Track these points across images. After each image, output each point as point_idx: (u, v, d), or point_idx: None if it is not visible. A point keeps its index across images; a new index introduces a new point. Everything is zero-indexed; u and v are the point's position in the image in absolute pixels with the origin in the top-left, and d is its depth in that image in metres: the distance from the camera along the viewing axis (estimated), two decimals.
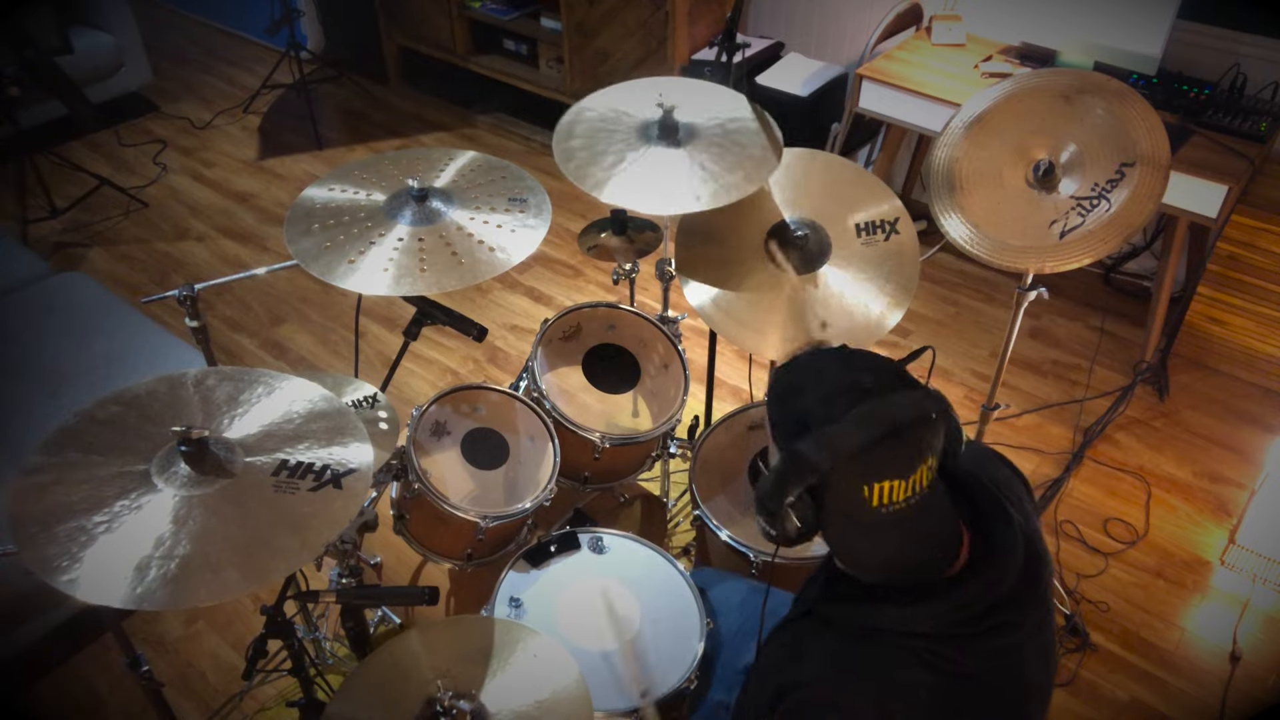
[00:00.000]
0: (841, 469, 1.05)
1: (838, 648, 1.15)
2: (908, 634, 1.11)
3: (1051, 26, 3.05)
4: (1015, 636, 1.13)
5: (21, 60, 3.35)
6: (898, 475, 1.06)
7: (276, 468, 1.37)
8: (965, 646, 1.10)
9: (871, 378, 1.10)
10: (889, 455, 1.05)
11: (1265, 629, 2.38)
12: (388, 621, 2.31)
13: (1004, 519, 1.16)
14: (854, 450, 1.04)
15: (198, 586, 1.21)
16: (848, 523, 1.11)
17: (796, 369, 1.16)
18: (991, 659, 1.12)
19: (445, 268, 1.74)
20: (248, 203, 4.01)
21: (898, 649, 1.11)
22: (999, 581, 1.12)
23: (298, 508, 1.32)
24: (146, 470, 1.32)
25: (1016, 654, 1.15)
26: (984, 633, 1.11)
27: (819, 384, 1.12)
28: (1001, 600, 1.11)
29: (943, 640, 1.10)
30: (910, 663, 1.09)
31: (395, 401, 2.37)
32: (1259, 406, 2.95)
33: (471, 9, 4.21)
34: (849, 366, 1.13)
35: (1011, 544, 1.14)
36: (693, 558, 2.38)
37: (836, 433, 1.05)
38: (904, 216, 2.06)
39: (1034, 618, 1.16)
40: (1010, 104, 1.95)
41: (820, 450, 1.05)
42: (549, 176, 3.92)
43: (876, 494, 1.06)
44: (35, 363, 2.52)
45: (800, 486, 1.07)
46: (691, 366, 2.33)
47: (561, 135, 2.03)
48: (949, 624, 1.10)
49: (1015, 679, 1.16)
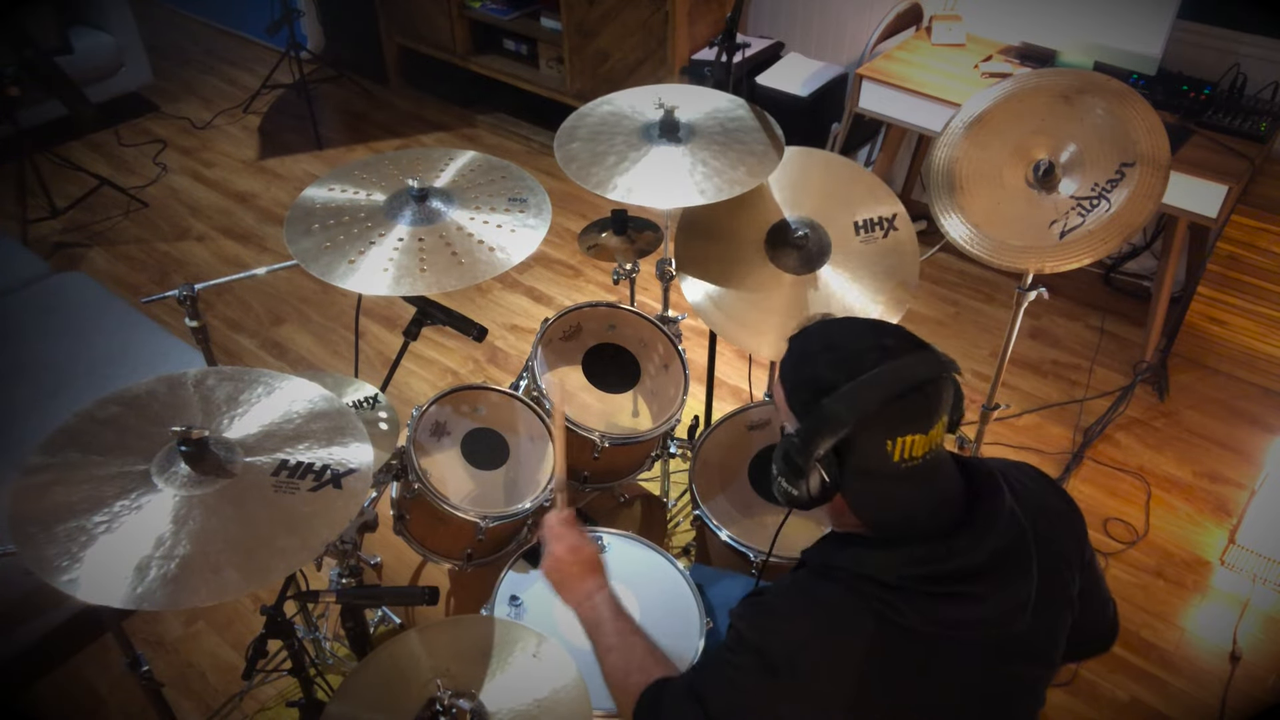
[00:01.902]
0: (869, 423, 1.09)
1: (800, 577, 1.21)
2: (861, 576, 1.13)
3: (1051, 26, 3.05)
4: (972, 612, 1.13)
5: (21, 60, 3.35)
6: (919, 430, 1.10)
7: (276, 468, 1.37)
8: (916, 603, 1.11)
9: (892, 339, 1.14)
10: (913, 410, 1.10)
11: (1265, 629, 2.38)
12: (388, 621, 2.31)
13: (995, 495, 1.17)
14: (881, 404, 1.08)
15: (198, 586, 1.21)
16: (869, 479, 1.14)
17: (816, 334, 1.19)
18: (947, 628, 1.12)
19: (445, 268, 1.74)
20: (248, 203, 4.01)
21: (851, 590, 1.14)
22: (970, 550, 1.12)
23: (298, 508, 1.32)
24: (146, 470, 1.32)
25: (973, 632, 1.14)
26: (938, 596, 1.11)
27: (841, 345, 1.15)
28: (971, 570, 1.12)
29: (894, 590, 1.11)
30: (858, 606, 1.12)
31: (395, 401, 2.37)
32: (1259, 406, 2.95)
33: (471, 9, 4.21)
34: (868, 330, 1.17)
35: (994, 517, 1.15)
36: (693, 557, 2.38)
37: (865, 386, 1.09)
38: (902, 213, 2.06)
39: (1000, 607, 1.14)
40: (1010, 104, 1.95)
41: (852, 404, 1.09)
42: (549, 176, 3.93)
43: (899, 449, 1.10)
44: (35, 363, 2.52)
45: (831, 440, 1.10)
46: (691, 366, 2.33)
47: (563, 137, 2.04)
48: (899, 575, 1.11)
49: (958, 664, 1.15)
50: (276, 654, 2.15)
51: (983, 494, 1.18)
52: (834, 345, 1.16)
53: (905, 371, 1.09)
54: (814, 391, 1.12)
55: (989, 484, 1.19)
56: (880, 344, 1.13)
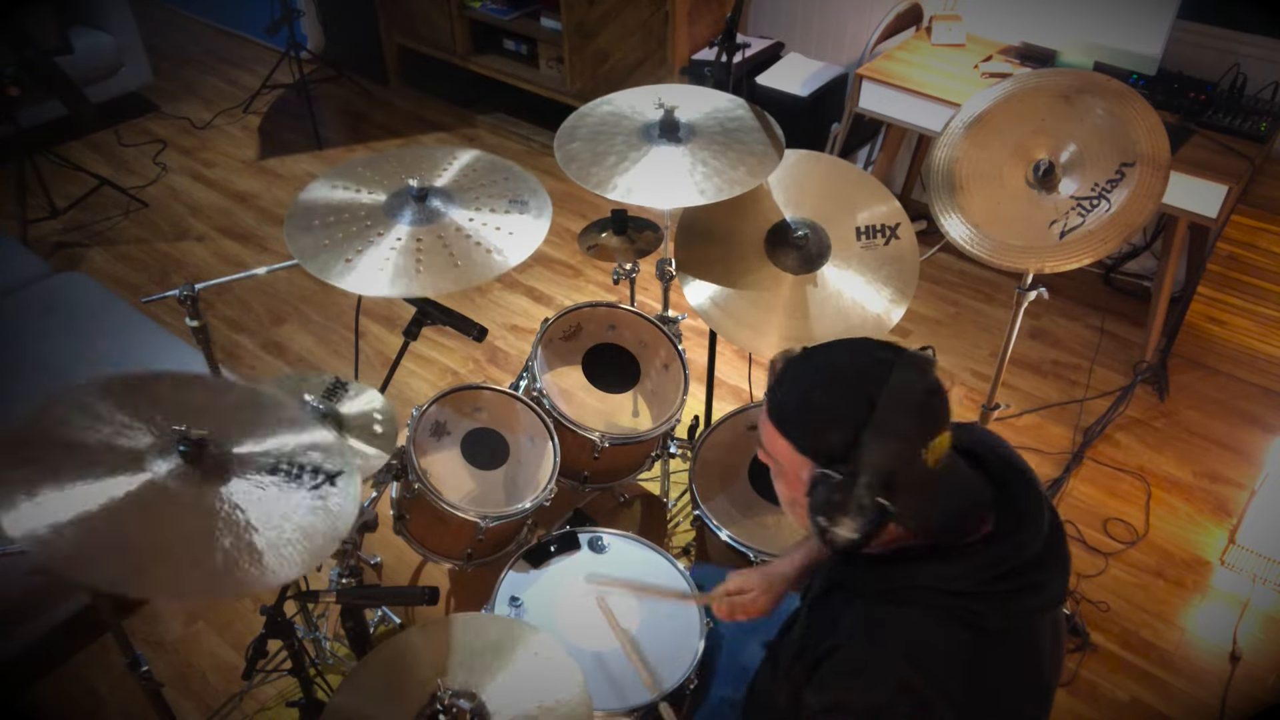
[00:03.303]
0: (908, 442, 1.08)
1: (868, 609, 1.16)
2: (938, 590, 1.11)
3: (1051, 26, 3.05)
4: (1040, 598, 1.14)
5: (21, 60, 3.35)
6: (943, 428, 1.10)
7: (272, 467, 1.36)
8: (997, 603, 1.11)
9: (877, 352, 1.13)
10: (934, 411, 1.10)
11: (1265, 629, 2.38)
12: (388, 621, 2.31)
13: (1026, 481, 1.18)
14: (912, 421, 1.08)
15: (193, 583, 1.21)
16: (916, 492, 1.10)
17: (807, 374, 1.15)
18: (1020, 619, 1.13)
19: (442, 269, 1.73)
20: (248, 203, 4.01)
21: (928, 606, 1.12)
22: (1034, 539, 1.13)
23: (299, 507, 1.32)
24: (142, 467, 1.31)
25: (1038, 617, 1.16)
26: (1015, 591, 1.12)
27: (837, 379, 1.12)
28: (1032, 560, 1.13)
29: (974, 597, 1.11)
30: (943, 619, 1.11)
31: (395, 401, 2.37)
32: (1259, 406, 2.95)
33: (471, 9, 4.21)
34: (846, 353, 1.15)
35: (1038, 505, 1.16)
36: (693, 557, 2.38)
37: (891, 412, 1.07)
38: (904, 221, 2.06)
39: (1058, 584, 1.17)
40: (1010, 104, 1.95)
41: (887, 436, 1.07)
42: (549, 176, 3.93)
43: (931, 453, 1.09)
44: (35, 363, 2.52)
45: (879, 478, 1.08)
46: (691, 366, 2.33)
47: (563, 137, 2.04)
48: (982, 580, 1.11)
49: (1037, 643, 1.17)
50: (276, 654, 2.15)
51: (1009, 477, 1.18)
52: (834, 380, 1.12)
53: (911, 379, 1.09)
54: (841, 429, 1.08)
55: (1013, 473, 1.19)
56: (872, 362, 1.11)
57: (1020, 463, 1.23)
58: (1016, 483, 1.18)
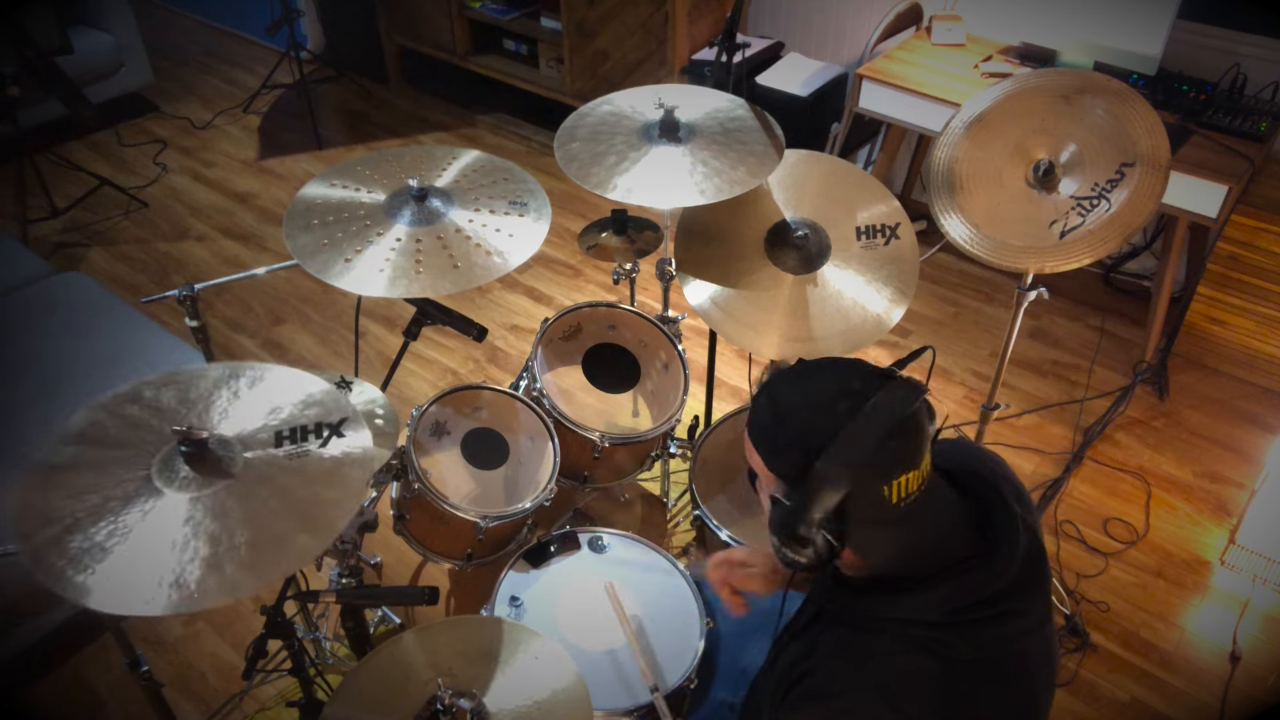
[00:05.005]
0: (863, 477, 1.06)
1: (841, 636, 1.17)
2: (910, 621, 1.11)
3: (1051, 26, 3.05)
4: (1020, 623, 1.14)
5: (21, 60, 3.35)
6: (911, 467, 1.07)
7: (276, 440, 1.37)
8: (968, 633, 1.10)
9: (858, 380, 1.10)
10: (901, 449, 1.06)
11: (1265, 629, 2.38)
12: (388, 621, 2.31)
13: (1004, 508, 1.17)
14: (870, 455, 1.05)
15: (215, 587, 1.21)
16: (873, 527, 1.10)
17: (782, 394, 1.14)
18: (997, 646, 1.13)
19: (441, 270, 1.73)
20: (248, 203, 4.01)
21: (899, 637, 1.11)
22: (1006, 569, 1.12)
23: (313, 477, 1.33)
24: (148, 475, 1.32)
25: (1021, 642, 1.15)
26: (991, 619, 1.11)
27: (808, 402, 1.11)
28: (1008, 587, 1.12)
29: (944, 627, 1.10)
30: (911, 649, 1.10)
31: (395, 401, 2.37)
32: (1259, 406, 2.95)
33: (471, 9, 4.21)
34: (833, 375, 1.12)
35: (1015, 531, 1.15)
36: (692, 557, 2.38)
37: (850, 443, 1.05)
38: (904, 221, 2.06)
39: (1037, 608, 1.17)
40: (1010, 104, 1.95)
41: (840, 466, 1.05)
42: (549, 176, 3.93)
43: (895, 490, 1.07)
44: (35, 363, 2.52)
45: (830, 503, 1.07)
46: (691, 366, 2.33)
47: (563, 137, 2.04)
48: (955, 610, 1.10)
49: (1023, 668, 1.16)
50: (276, 654, 2.15)
51: (988, 503, 1.17)
52: (805, 402, 1.10)
53: (883, 413, 1.05)
54: (801, 453, 1.08)
55: (993, 498, 1.18)
56: (848, 389, 1.08)
57: (999, 484, 1.21)
58: (993, 508, 1.17)
